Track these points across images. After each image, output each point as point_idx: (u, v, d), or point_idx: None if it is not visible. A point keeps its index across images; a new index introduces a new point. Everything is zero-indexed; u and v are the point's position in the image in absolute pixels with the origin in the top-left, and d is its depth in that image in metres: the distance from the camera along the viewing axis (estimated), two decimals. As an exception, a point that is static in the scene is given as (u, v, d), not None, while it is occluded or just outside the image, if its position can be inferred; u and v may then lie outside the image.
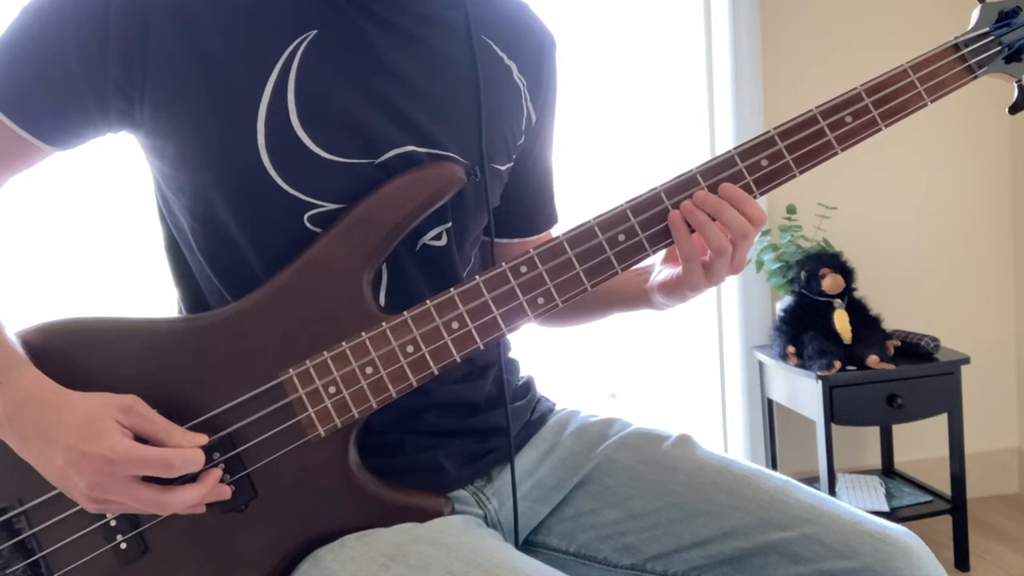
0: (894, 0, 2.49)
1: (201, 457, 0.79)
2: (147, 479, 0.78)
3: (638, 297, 1.00)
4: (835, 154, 0.87)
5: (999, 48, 0.89)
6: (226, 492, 0.81)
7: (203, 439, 0.80)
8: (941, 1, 2.45)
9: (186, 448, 0.78)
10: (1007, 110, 0.94)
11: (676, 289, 0.92)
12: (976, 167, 2.62)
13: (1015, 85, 0.92)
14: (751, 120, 2.34)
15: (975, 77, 0.89)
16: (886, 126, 0.88)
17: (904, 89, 0.87)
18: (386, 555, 0.80)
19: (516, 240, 1.07)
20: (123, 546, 0.83)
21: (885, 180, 2.55)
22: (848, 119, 0.87)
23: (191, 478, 0.80)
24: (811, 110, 0.87)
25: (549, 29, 1.05)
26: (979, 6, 0.90)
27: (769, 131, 0.87)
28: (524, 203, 1.06)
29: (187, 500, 0.78)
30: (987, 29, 0.89)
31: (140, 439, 0.78)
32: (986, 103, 2.50)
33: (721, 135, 2.39)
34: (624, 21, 2.44)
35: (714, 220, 0.85)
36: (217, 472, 0.81)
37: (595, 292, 1.01)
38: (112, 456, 0.75)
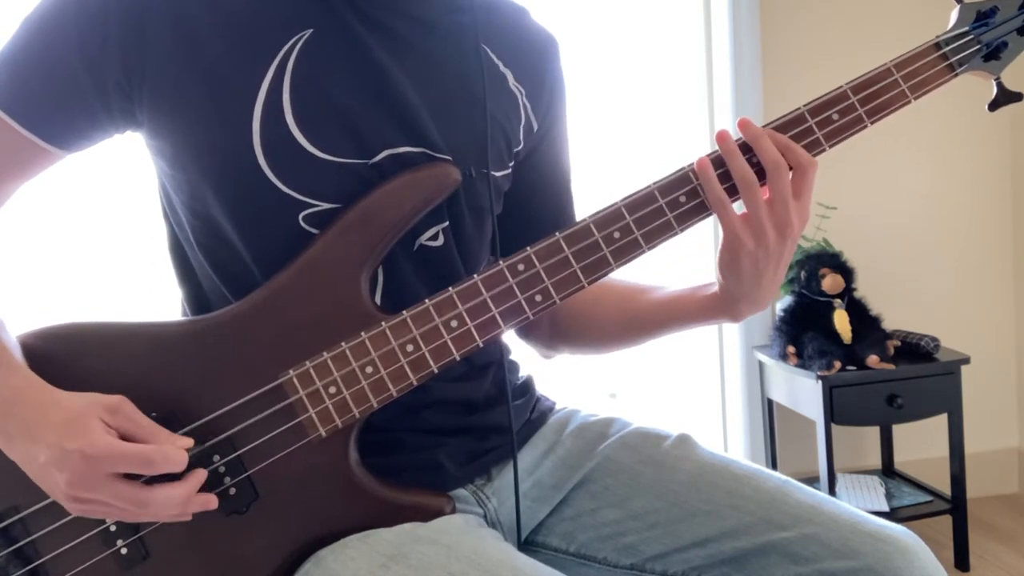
0: (893, 1, 2.50)
1: (184, 457, 0.77)
2: (129, 479, 0.76)
3: (702, 303, 0.94)
4: (823, 151, 0.88)
5: (978, 47, 0.91)
6: (212, 501, 0.80)
7: (189, 442, 0.79)
8: (941, 3, 2.45)
9: (168, 447, 0.77)
10: (987, 107, 0.95)
11: (724, 253, 0.87)
12: (976, 167, 2.62)
13: (994, 82, 0.94)
14: (751, 120, 2.34)
15: (956, 75, 0.91)
16: (872, 123, 0.89)
17: (888, 87, 0.89)
18: (387, 555, 0.80)
19: None
20: (123, 551, 0.82)
21: (885, 180, 2.55)
22: (835, 116, 0.88)
23: (175, 479, 0.78)
24: (799, 108, 0.88)
25: (551, 34, 1.04)
26: (957, 6, 0.92)
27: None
28: (534, 214, 1.04)
29: (170, 497, 0.76)
30: (966, 28, 0.91)
31: (127, 440, 0.77)
32: (986, 104, 2.50)
33: (721, 135, 2.39)
34: (624, 21, 2.44)
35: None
36: (202, 473, 0.79)
37: (656, 307, 0.98)
38: (92, 452, 0.74)
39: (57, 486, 0.76)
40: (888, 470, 2.54)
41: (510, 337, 1.02)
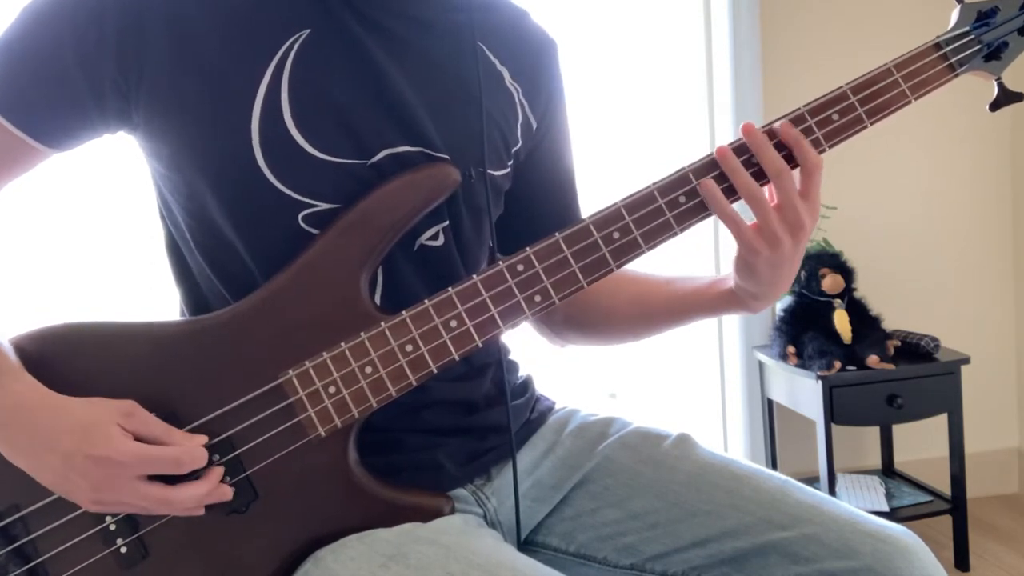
0: (893, 1, 2.50)
1: (205, 454, 0.80)
2: (151, 479, 0.78)
3: (718, 298, 0.96)
4: (823, 151, 0.88)
5: (979, 47, 0.91)
6: (227, 492, 0.81)
7: (203, 438, 0.81)
8: (942, 3, 2.44)
9: (190, 446, 0.79)
10: (988, 107, 0.95)
11: (739, 260, 0.88)
12: (976, 167, 2.62)
13: (995, 83, 0.93)
14: (751, 120, 2.34)
15: (956, 75, 0.91)
16: (871, 123, 0.89)
17: (888, 87, 0.89)
18: (386, 555, 0.80)
19: None
20: (123, 550, 0.82)
21: (885, 180, 2.55)
22: (835, 117, 0.88)
23: (194, 477, 0.80)
24: (799, 108, 0.88)
25: (550, 35, 1.04)
26: (958, 6, 0.92)
27: None
28: (537, 213, 1.04)
29: (193, 496, 0.79)
30: (967, 28, 0.91)
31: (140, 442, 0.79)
32: (986, 104, 2.50)
33: (721, 136, 2.39)
34: (624, 22, 2.44)
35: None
36: (219, 470, 0.81)
37: (672, 301, 1.00)
38: (121, 458, 0.76)
39: (79, 489, 0.78)
40: (888, 470, 2.54)
41: (510, 337, 1.02)
